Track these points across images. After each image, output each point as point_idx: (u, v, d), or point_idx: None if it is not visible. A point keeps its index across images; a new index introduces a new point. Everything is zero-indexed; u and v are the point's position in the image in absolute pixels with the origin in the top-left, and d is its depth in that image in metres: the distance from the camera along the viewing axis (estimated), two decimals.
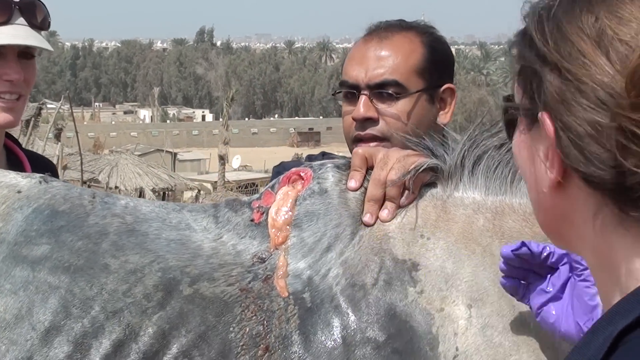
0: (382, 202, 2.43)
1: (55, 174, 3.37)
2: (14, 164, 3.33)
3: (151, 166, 39.93)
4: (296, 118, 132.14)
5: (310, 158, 3.36)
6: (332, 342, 2.25)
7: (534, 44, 1.36)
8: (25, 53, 3.32)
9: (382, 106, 3.14)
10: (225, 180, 44.31)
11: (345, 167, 2.51)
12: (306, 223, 2.40)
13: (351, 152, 3.17)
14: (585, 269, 2.06)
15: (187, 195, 38.42)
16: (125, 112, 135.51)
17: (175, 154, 62.48)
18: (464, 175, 2.41)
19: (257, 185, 48.08)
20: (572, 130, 1.28)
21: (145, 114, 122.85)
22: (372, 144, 3.07)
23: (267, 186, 2.56)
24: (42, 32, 3.36)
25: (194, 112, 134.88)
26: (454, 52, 3.54)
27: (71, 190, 2.49)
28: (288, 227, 2.39)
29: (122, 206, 2.46)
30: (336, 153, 3.47)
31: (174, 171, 48.01)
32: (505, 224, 2.35)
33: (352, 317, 2.27)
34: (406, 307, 2.28)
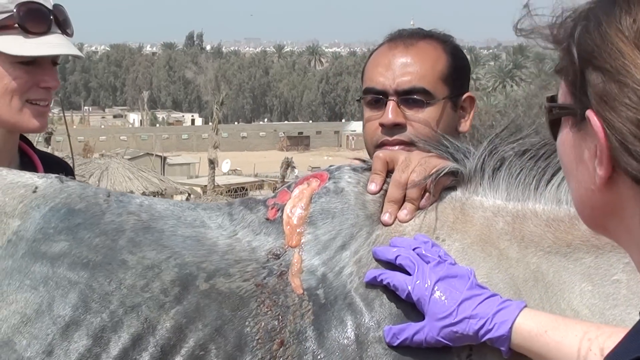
0: (401, 203, 2.45)
1: (70, 173, 3.43)
2: (27, 166, 3.36)
3: (141, 170, 39.95)
4: (285, 122, 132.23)
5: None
6: (346, 340, 2.27)
7: (576, 44, 1.38)
8: (54, 61, 3.39)
9: (410, 112, 3.17)
10: (215, 184, 44.32)
11: (362, 169, 2.54)
12: (321, 221, 2.43)
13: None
14: None
15: (177, 199, 38.42)
16: (114, 116, 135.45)
17: (165, 158, 62.47)
18: (484, 179, 2.44)
19: (246, 190, 48.10)
20: (616, 130, 1.30)
21: (134, 117, 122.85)
22: (397, 148, 3.08)
23: (284, 186, 2.59)
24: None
25: (183, 116, 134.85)
26: None
27: (86, 189, 2.52)
28: (302, 227, 2.43)
29: (137, 204, 2.49)
30: (325, 158, 3.51)
31: (164, 175, 48.01)
32: (525, 228, 2.36)
33: (365, 316, 2.30)
34: None
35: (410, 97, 3.17)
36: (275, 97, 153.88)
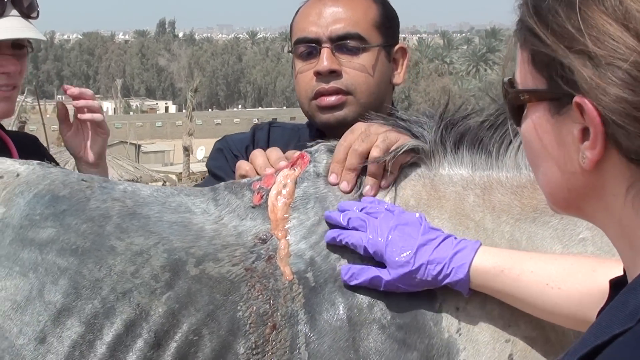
0: (357, 172, 2.47)
1: (40, 147, 3.41)
2: (2, 151, 3.30)
3: (116, 158, 39.79)
4: (259, 108, 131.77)
5: (257, 127, 3.37)
6: (338, 321, 2.29)
7: (551, 29, 1.35)
8: (17, 44, 3.34)
9: (345, 59, 3.10)
10: (190, 171, 44.20)
11: None
12: (304, 206, 2.45)
13: (306, 114, 3.20)
14: None
15: None
16: None
17: (139, 146, 62.13)
18: (447, 152, 2.46)
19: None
20: (612, 111, 1.29)
21: (108, 106, 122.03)
22: (334, 97, 3.08)
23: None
24: (33, 21, 3.36)
25: (157, 103, 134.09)
26: (416, 41, 3.50)
27: (69, 175, 2.51)
28: (287, 214, 2.43)
29: (121, 191, 2.49)
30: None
31: (138, 163, 47.83)
32: (494, 198, 2.40)
33: (357, 297, 2.31)
34: None
35: (344, 44, 3.10)
36: (249, 84, 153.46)
